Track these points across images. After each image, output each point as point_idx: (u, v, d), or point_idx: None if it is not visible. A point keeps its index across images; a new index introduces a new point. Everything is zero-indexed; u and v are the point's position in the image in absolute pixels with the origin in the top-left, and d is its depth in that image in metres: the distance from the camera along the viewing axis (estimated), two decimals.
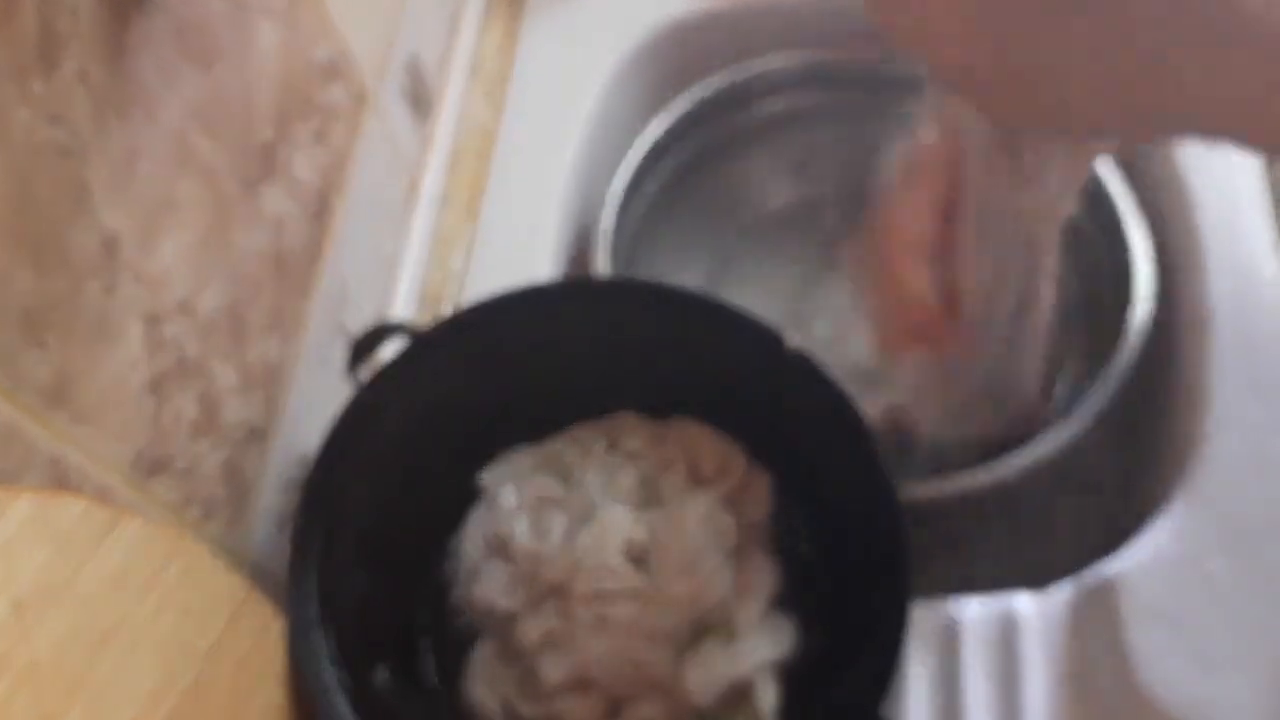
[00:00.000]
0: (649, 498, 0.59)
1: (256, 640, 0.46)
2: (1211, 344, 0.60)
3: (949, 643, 0.54)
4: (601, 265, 0.67)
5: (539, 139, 0.76)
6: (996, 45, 0.31)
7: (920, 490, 0.57)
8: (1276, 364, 0.59)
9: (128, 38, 0.42)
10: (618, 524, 0.56)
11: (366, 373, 0.55)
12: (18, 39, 0.37)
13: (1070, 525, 0.58)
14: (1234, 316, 0.61)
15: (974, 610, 0.55)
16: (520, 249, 0.71)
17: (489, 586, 0.56)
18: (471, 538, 0.58)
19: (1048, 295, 0.54)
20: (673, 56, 0.81)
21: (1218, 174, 0.66)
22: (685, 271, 0.77)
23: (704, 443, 0.59)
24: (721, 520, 0.57)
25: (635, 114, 0.81)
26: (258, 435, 0.53)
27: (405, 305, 0.70)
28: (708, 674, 0.52)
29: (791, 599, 0.56)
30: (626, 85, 0.80)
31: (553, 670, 0.53)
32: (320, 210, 0.59)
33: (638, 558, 0.56)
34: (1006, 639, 0.54)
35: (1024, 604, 0.55)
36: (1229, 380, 0.59)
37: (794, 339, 0.53)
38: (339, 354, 0.60)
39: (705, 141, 0.77)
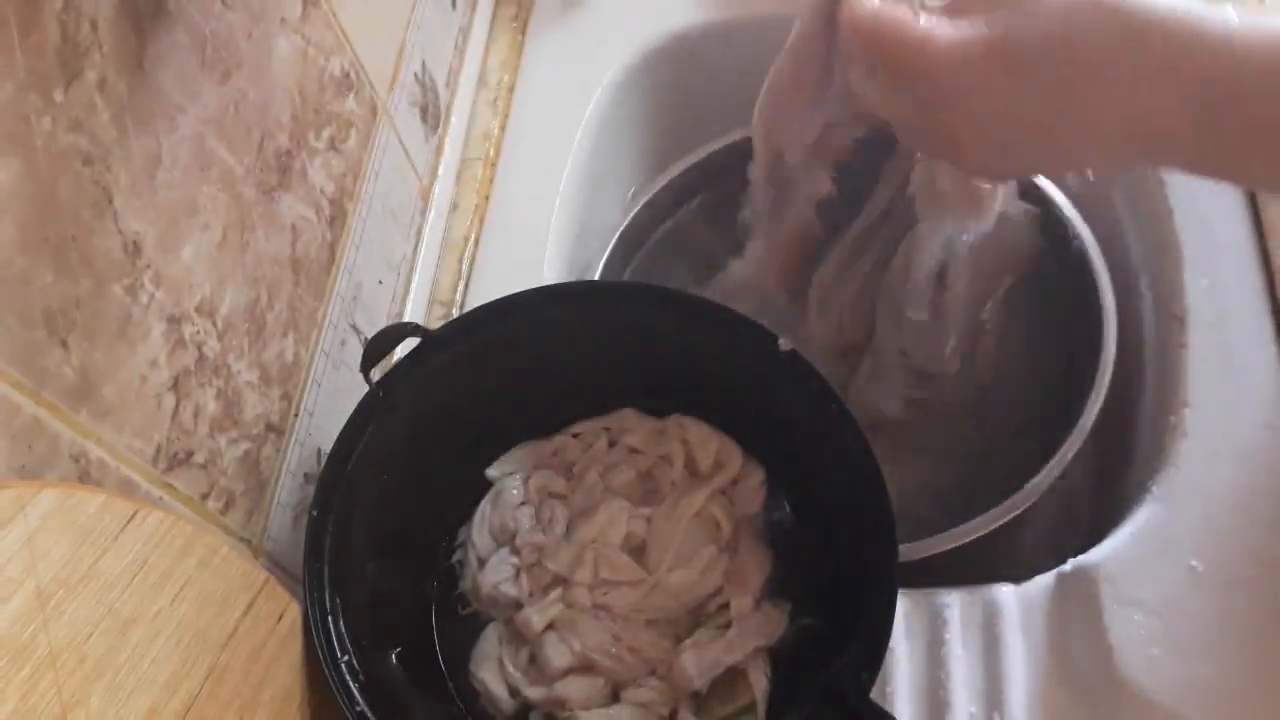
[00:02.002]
0: (648, 491, 0.58)
1: (272, 628, 0.45)
2: (1188, 341, 0.60)
3: (935, 630, 0.54)
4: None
5: (543, 147, 0.76)
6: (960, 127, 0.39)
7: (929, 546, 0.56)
8: (1252, 361, 0.58)
9: (147, 49, 0.42)
10: (618, 517, 0.56)
11: (379, 371, 0.54)
12: (39, 49, 0.36)
13: (1053, 520, 0.57)
14: (1210, 314, 0.60)
15: (959, 599, 0.54)
16: (526, 253, 0.71)
17: (496, 575, 0.56)
18: (479, 529, 0.58)
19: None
20: (672, 68, 0.80)
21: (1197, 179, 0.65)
22: None
23: (701, 438, 0.58)
24: (717, 513, 0.56)
25: (636, 123, 0.81)
26: (274, 431, 0.52)
27: (416, 307, 0.69)
28: (703, 660, 0.52)
29: (784, 587, 0.55)
30: (628, 95, 0.79)
31: (556, 655, 0.53)
32: (335, 216, 0.58)
33: (637, 549, 0.56)
34: (991, 627, 0.53)
35: (1008, 593, 0.54)
36: (1205, 376, 0.58)
37: (785, 341, 0.52)
38: (353, 353, 0.60)
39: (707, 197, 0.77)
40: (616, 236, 0.72)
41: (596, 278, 0.70)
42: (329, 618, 0.48)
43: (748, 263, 0.65)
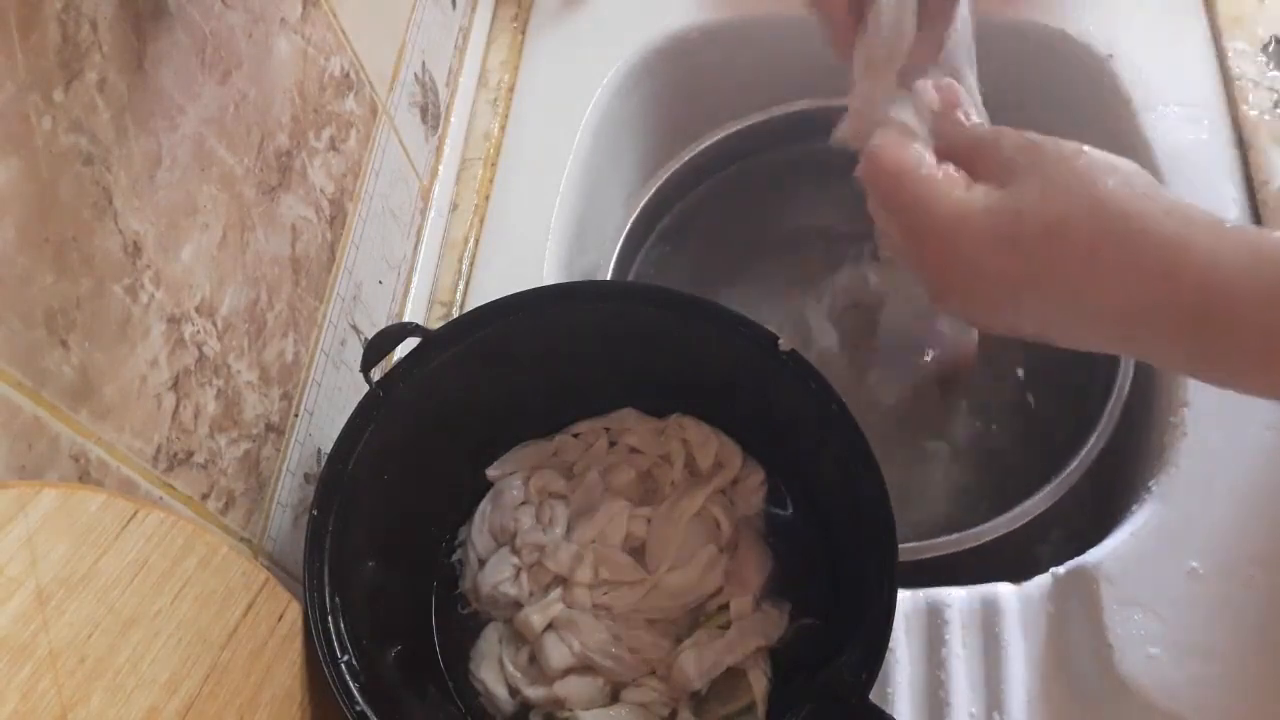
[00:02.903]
0: (648, 491, 0.58)
1: (272, 628, 0.45)
2: None
3: (935, 630, 0.54)
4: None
5: (543, 147, 0.76)
6: (956, 294, 0.41)
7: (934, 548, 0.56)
8: None
9: (147, 49, 0.42)
10: (618, 517, 0.56)
11: (379, 371, 0.54)
12: (40, 49, 0.36)
13: (1053, 519, 0.57)
14: None
15: (959, 598, 0.54)
16: (526, 253, 0.71)
17: (496, 575, 0.56)
18: (479, 528, 0.58)
19: None
20: (672, 68, 0.80)
21: (1199, 177, 0.65)
22: None
23: (701, 438, 0.59)
24: (717, 513, 0.56)
25: (636, 123, 0.81)
26: (274, 431, 0.52)
27: (416, 307, 0.69)
28: (703, 660, 0.52)
29: (783, 587, 0.55)
30: (628, 95, 0.79)
31: (556, 655, 0.53)
32: (335, 216, 0.58)
33: (637, 549, 0.56)
34: (990, 627, 0.53)
35: (1007, 593, 0.54)
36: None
37: (787, 341, 0.52)
38: (353, 353, 0.60)
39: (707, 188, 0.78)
40: (625, 233, 0.72)
41: (609, 273, 0.71)
42: (329, 617, 0.48)
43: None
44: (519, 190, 0.74)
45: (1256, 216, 0.63)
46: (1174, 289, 0.35)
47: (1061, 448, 0.59)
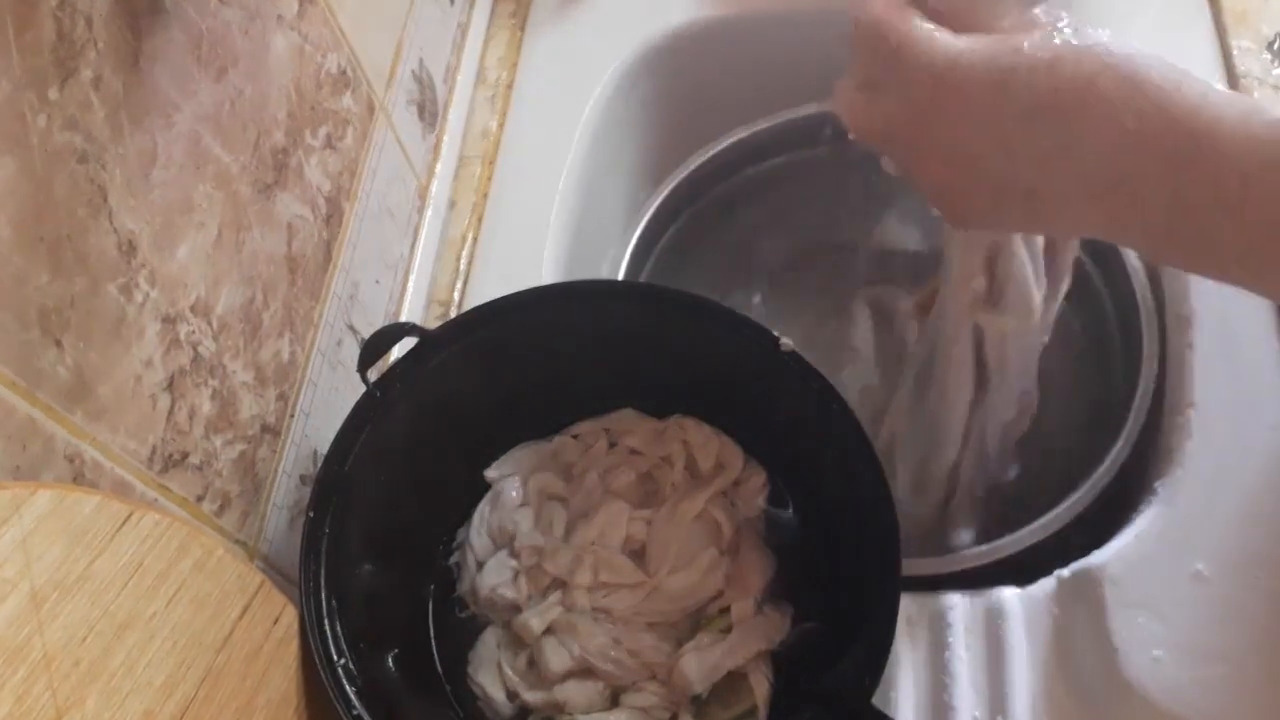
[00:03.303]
0: (648, 493, 0.58)
1: (268, 631, 0.45)
2: (1194, 343, 0.60)
3: (938, 633, 0.54)
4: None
5: (542, 145, 0.76)
6: (957, 177, 0.41)
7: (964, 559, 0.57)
8: (1256, 363, 0.59)
9: (143, 46, 0.42)
10: (618, 519, 0.56)
11: (376, 372, 0.54)
12: (35, 47, 0.36)
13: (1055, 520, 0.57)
14: (1216, 316, 0.60)
15: (962, 602, 0.55)
16: (524, 252, 0.71)
17: (494, 578, 0.56)
18: (478, 530, 0.58)
19: None
20: (672, 65, 0.80)
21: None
22: None
23: (702, 439, 0.59)
24: (718, 515, 0.56)
25: (635, 120, 0.81)
26: (270, 432, 0.52)
27: (414, 306, 0.69)
28: (704, 663, 0.52)
29: (785, 589, 0.55)
30: (627, 93, 0.79)
31: (555, 659, 0.53)
32: (332, 214, 0.58)
33: (637, 551, 0.56)
34: (994, 630, 0.53)
35: (1011, 596, 0.54)
36: (1211, 377, 0.59)
37: (787, 341, 0.52)
38: (350, 354, 0.60)
39: (707, 201, 0.78)
40: (635, 237, 0.72)
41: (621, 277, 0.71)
42: (325, 620, 0.48)
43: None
44: (518, 188, 0.74)
45: None
46: (1164, 126, 0.35)
47: (1074, 466, 0.60)
